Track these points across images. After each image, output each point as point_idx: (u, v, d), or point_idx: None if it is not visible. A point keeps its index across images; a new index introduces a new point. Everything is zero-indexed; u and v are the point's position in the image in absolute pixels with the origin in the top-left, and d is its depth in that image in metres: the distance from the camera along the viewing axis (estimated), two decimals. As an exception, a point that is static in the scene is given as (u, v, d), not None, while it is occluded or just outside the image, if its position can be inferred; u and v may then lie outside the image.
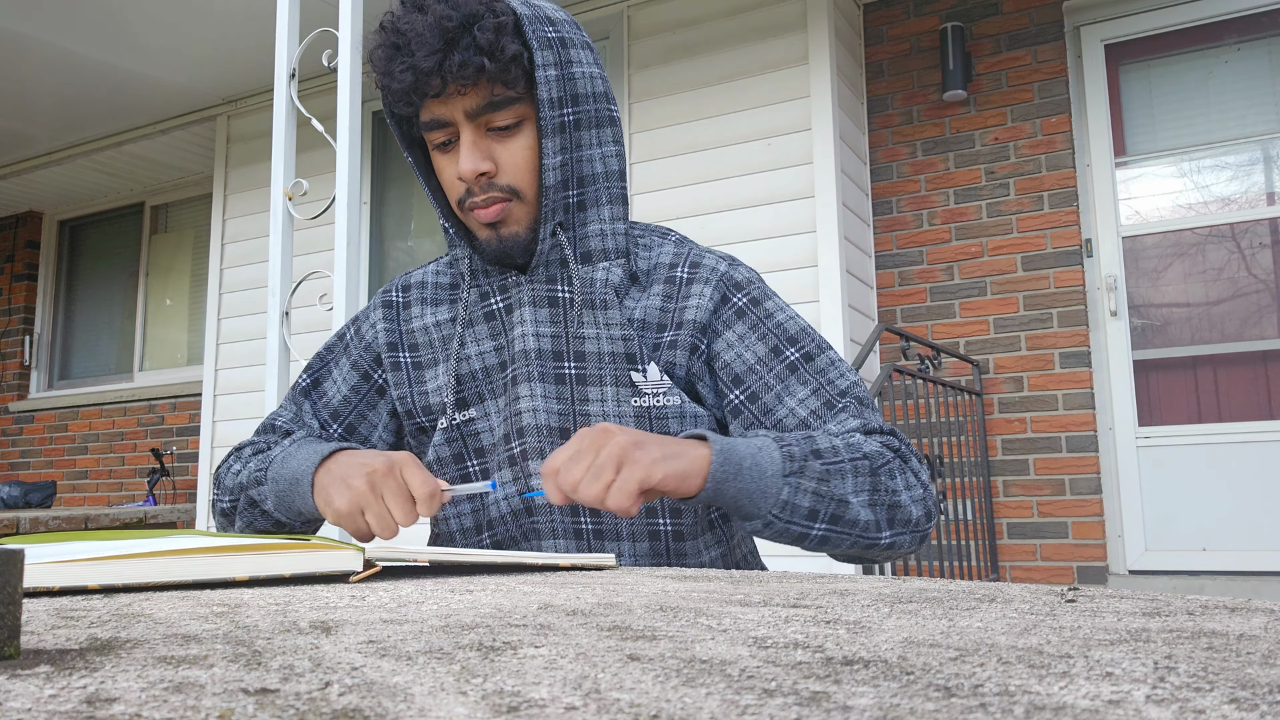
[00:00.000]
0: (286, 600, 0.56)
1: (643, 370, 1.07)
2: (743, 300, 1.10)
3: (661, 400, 1.07)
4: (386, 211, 5.01)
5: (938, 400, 3.53)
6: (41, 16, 4.29)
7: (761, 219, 3.81)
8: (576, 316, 1.08)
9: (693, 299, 1.09)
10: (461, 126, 1.05)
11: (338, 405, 1.19)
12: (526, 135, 1.06)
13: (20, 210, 6.90)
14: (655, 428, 1.07)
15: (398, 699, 0.29)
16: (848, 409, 1.06)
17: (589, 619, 0.47)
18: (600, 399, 1.07)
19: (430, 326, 1.17)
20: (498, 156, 1.06)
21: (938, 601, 0.54)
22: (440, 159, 1.09)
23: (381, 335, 1.19)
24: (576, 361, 1.08)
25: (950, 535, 3.57)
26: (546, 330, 1.08)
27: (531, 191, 1.07)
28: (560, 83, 1.05)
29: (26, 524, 3.21)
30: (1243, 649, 0.37)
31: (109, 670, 0.33)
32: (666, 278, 1.11)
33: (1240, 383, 3.69)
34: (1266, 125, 3.76)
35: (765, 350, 1.08)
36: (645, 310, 1.10)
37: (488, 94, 1.03)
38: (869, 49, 4.28)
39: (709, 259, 1.13)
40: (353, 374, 1.20)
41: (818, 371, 1.07)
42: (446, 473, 1.14)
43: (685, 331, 1.08)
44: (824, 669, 0.33)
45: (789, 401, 1.06)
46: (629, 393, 1.07)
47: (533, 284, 1.09)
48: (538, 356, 1.08)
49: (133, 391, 6.22)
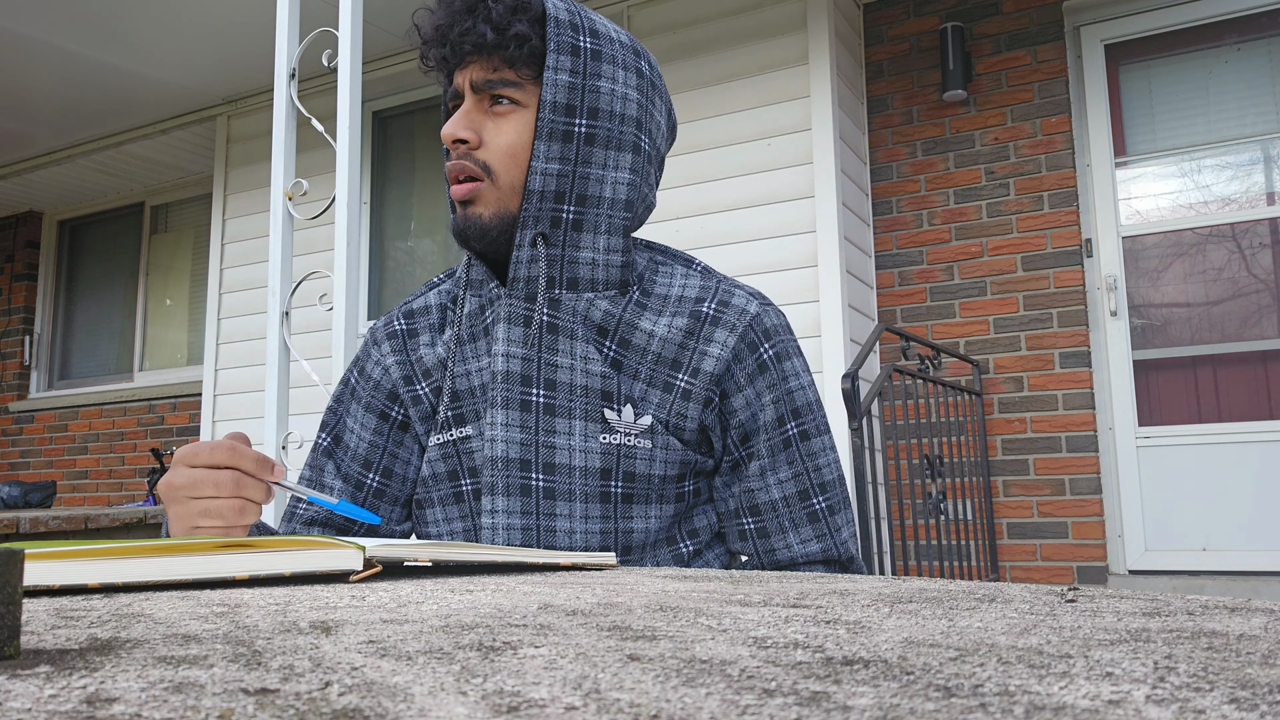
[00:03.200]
0: (286, 600, 0.56)
1: (618, 410, 1.03)
2: (768, 354, 1.06)
3: (633, 440, 1.03)
4: (386, 211, 5.01)
5: (938, 400, 3.53)
6: (41, 16, 4.29)
7: (761, 219, 3.81)
8: (551, 342, 1.04)
9: (714, 346, 1.05)
10: (466, 97, 1.04)
11: (365, 453, 1.14)
12: (518, 122, 1.03)
13: (20, 210, 6.90)
14: (623, 466, 1.03)
15: (398, 699, 0.29)
16: (817, 516, 1.06)
17: (589, 619, 0.47)
18: (567, 431, 1.02)
19: (439, 349, 1.13)
20: (483, 131, 1.03)
21: (938, 601, 0.54)
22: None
23: (394, 370, 1.14)
24: (546, 390, 1.03)
25: (950, 535, 3.57)
26: (518, 351, 1.03)
27: (507, 178, 1.03)
28: (573, 90, 1.02)
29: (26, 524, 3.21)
30: (1243, 649, 0.37)
31: (109, 670, 0.33)
32: (691, 311, 1.06)
33: (1240, 383, 3.69)
34: (1266, 125, 3.76)
35: (773, 416, 1.06)
36: (661, 343, 1.05)
37: (491, 68, 1.02)
38: (869, 49, 4.28)
39: (738, 298, 1.08)
40: (369, 417, 1.15)
41: (809, 454, 1.07)
42: (440, 489, 1.10)
43: (700, 384, 1.04)
44: (824, 669, 0.33)
45: (769, 477, 1.06)
46: (598, 428, 1.03)
47: (510, 299, 1.04)
48: (506, 379, 1.03)
49: (133, 391, 6.23)
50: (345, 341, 2.20)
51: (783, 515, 1.06)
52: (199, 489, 0.87)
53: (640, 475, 1.03)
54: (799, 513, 1.06)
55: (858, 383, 2.91)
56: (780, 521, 1.06)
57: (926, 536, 3.37)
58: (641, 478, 1.03)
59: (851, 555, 1.08)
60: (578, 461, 1.02)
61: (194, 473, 0.88)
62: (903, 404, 3.49)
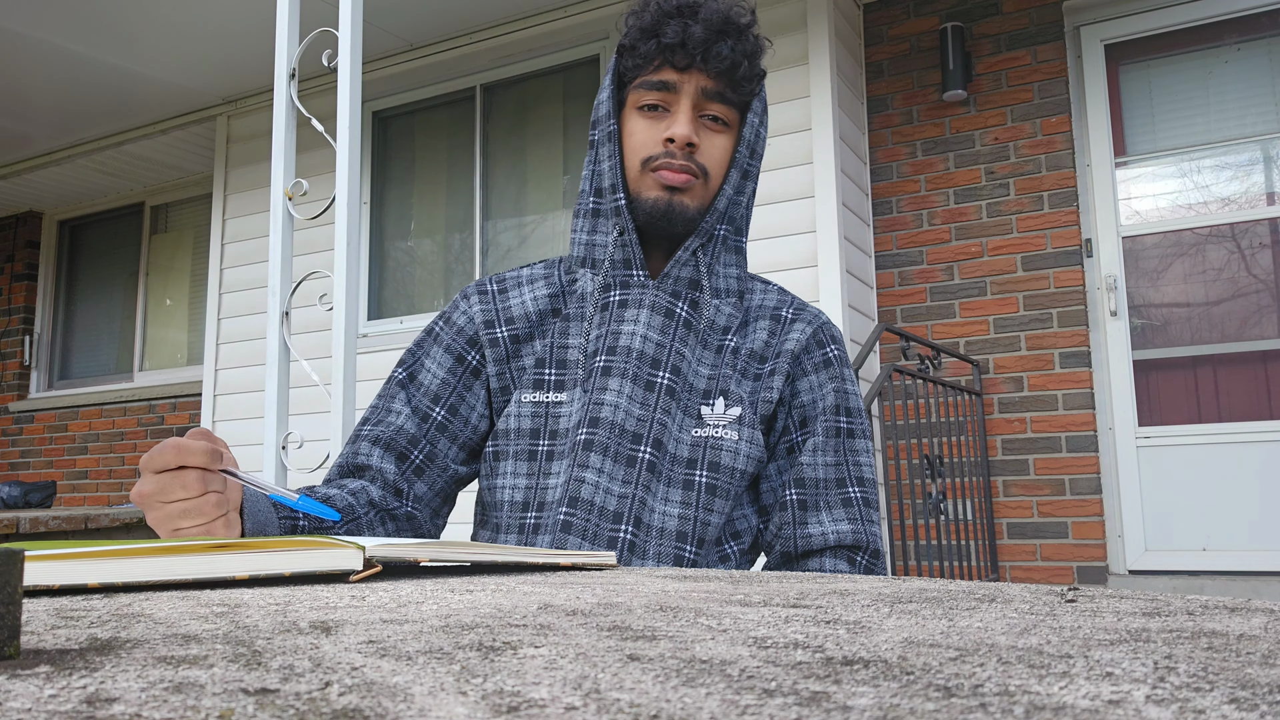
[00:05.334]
0: (286, 600, 0.56)
1: (711, 404, 1.14)
2: (833, 353, 1.21)
3: (720, 432, 1.13)
4: (386, 211, 5.00)
5: (938, 400, 3.53)
6: (41, 16, 4.29)
7: (761, 219, 3.81)
8: (684, 336, 1.15)
9: (793, 334, 1.20)
10: (683, 102, 1.14)
11: (437, 389, 1.20)
12: (726, 143, 1.16)
13: (20, 210, 6.90)
14: (709, 456, 1.13)
15: (398, 699, 0.29)
16: (852, 502, 1.17)
17: (589, 619, 0.47)
18: (675, 422, 1.13)
19: (528, 302, 1.22)
20: (702, 140, 1.15)
21: (938, 601, 0.54)
22: (640, 120, 1.16)
23: (478, 316, 1.22)
24: (672, 374, 1.14)
25: (950, 535, 3.57)
26: (655, 336, 1.14)
27: (713, 185, 1.16)
28: (755, 132, 1.18)
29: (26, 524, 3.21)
30: (1243, 649, 0.37)
31: (109, 670, 0.33)
32: (772, 316, 1.21)
33: (1240, 383, 3.69)
34: (1266, 125, 3.76)
35: (831, 404, 1.18)
36: (753, 343, 1.19)
37: (722, 89, 1.13)
38: (869, 49, 4.28)
39: (811, 308, 1.25)
40: (446, 357, 1.22)
41: (852, 450, 1.19)
42: (518, 443, 1.16)
43: (784, 361, 1.18)
44: (824, 669, 0.33)
45: (819, 457, 1.17)
46: (694, 423, 1.14)
47: (658, 291, 1.16)
48: (639, 357, 1.13)
49: (133, 391, 6.22)
50: (345, 341, 2.20)
51: (821, 494, 1.16)
52: (168, 493, 0.88)
53: (724, 467, 1.13)
54: (834, 496, 1.16)
55: (858, 383, 2.91)
56: (819, 499, 1.16)
57: (926, 536, 3.37)
58: (725, 469, 1.13)
59: (879, 549, 1.17)
60: (672, 448, 1.12)
61: (159, 478, 0.89)
62: (903, 404, 3.49)
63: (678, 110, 1.14)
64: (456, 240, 4.81)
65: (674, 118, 1.14)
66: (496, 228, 4.66)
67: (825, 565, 1.14)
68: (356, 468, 1.18)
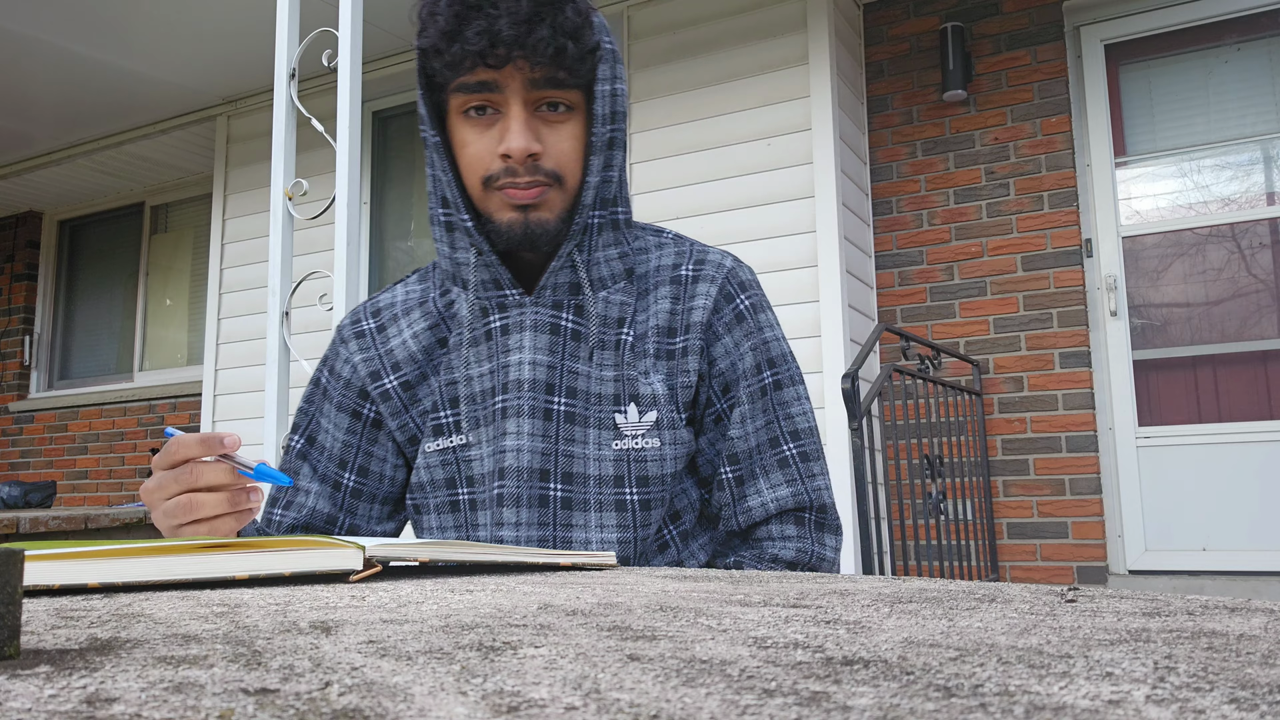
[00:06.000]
0: (286, 600, 0.56)
1: (624, 410, 1.03)
2: (745, 304, 1.08)
3: (641, 442, 1.03)
4: (386, 211, 5.00)
5: (938, 400, 3.53)
6: (41, 16, 4.29)
7: (761, 219, 3.81)
8: (574, 349, 1.04)
9: (699, 299, 1.07)
10: (511, 102, 0.98)
11: (340, 452, 1.12)
12: (574, 129, 1.01)
13: (20, 210, 6.90)
14: (634, 470, 1.03)
15: (398, 699, 0.29)
16: (788, 461, 1.07)
17: (589, 619, 0.47)
18: (584, 440, 1.03)
19: (409, 340, 1.10)
20: (545, 139, 0.99)
21: (938, 601, 0.54)
22: (468, 130, 1.01)
23: (361, 368, 1.12)
24: (568, 398, 1.03)
25: (950, 535, 3.57)
26: (544, 360, 1.03)
27: (572, 182, 1.02)
28: (614, 99, 1.02)
29: (26, 524, 3.21)
30: (1243, 649, 0.37)
31: (109, 670, 0.33)
32: (672, 278, 1.08)
33: (1240, 383, 3.69)
34: (1266, 125, 3.76)
35: (751, 364, 1.07)
36: (655, 316, 1.06)
37: (554, 76, 0.97)
38: (869, 49, 4.28)
39: (713, 255, 1.10)
40: (341, 416, 1.12)
41: (780, 403, 1.08)
42: (436, 495, 1.08)
43: (695, 335, 1.06)
44: (824, 669, 0.33)
45: (748, 425, 1.06)
46: (611, 435, 1.03)
47: (537, 307, 1.04)
48: (531, 388, 1.02)
49: (133, 391, 6.22)
50: (345, 341, 2.20)
51: (755, 462, 1.06)
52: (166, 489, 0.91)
53: (654, 478, 1.04)
54: (769, 459, 1.06)
55: (858, 383, 2.91)
56: (753, 468, 1.06)
57: (926, 536, 3.37)
58: (655, 480, 1.04)
59: (825, 502, 1.08)
60: (593, 470, 1.03)
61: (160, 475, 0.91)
62: (903, 404, 3.49)
63: (508, 114, 0.98)
64: (456, 240, 4.81)
65: (506, 125, 0.98)
66: (496, 228, 4.66)
67: (773, 533, 1.07)
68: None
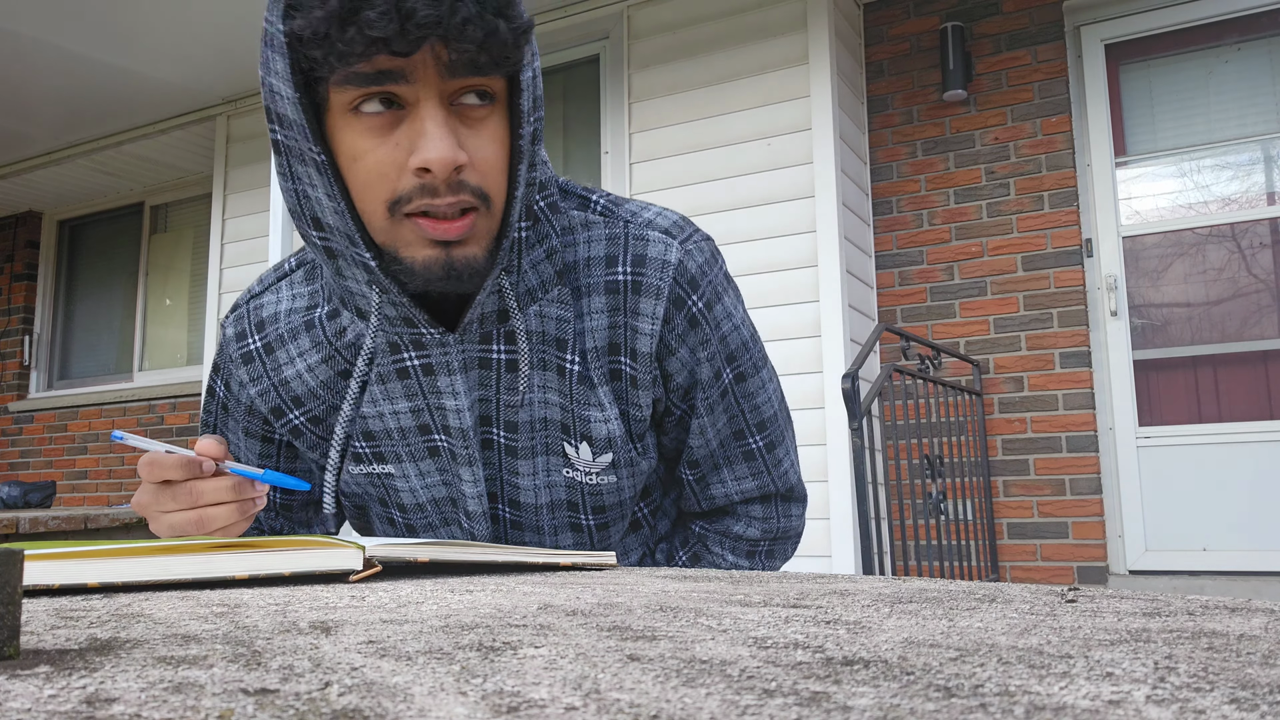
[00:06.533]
0: (286, 600, 0.56)
1: (575, 445, 0.94)
2: (697, 306, 0.94)
3: (595, 479, 0.96)
4: (386, 211, 5.00)
5: (938, 400, 3.53)
6: (41, 16, 4.29)
7: (761, 219, 3.81)
8: (510, 381, 0.91)
9: (643, 321, 0.91)
10: (423, 97, 0.76)
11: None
12: (497, 125, 0.81)
13: (20, 210, 6.90)
14: (590, 501, 0.97)
15: (398, 699, 0.29)
16: (753, 454, 1.02)
17: (589, 619, 0.47)
18: (530, 471, 0.95)
19: (304, 374, 0.96)
20: (467, 147, 0.78)
21: (938, 601, 0.54)
22: (362, 136, 0.78)
23: (259, 403, 0.99)
24: (507, 431, 0.93)
25: (950, 535, 3.57)
26: (476, 395, 0.91)
27: (499, 200, 0.82)
28: (533, 85, 0.82)
29: (26, 524, 3.21)
30: (1243, 649, 0.37)
31: (109, 670, 0.33)
32: (607, 284, 0.91)
33: (1240, 383, 3.69)
34: (1266, 125, 3.76)
35: (709, 373, 0.97)
36: (595, 335, 0.91)
37: (474, 61, 0.75)
38: (869, 49, 4.28)
39: (654, 245, 0.91)
40: (253, 442, 1.03)
41: (745, 395, 1.00)
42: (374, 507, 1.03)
43: (642, 367, 0.93)
44: (824, 669, 0.33)
45: (709, 432, 1.00)
46: (560, 461, 0.95)
47: (463, 345, 0.88)
48: (473, 433, 0.93)
49: (132, 391, 6.22)
50: (345, 341, 2.20)
51: (718, 456, 1.01)
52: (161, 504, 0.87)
53: (610, 505, 0.99)
54: (734, 452, 1.01)
55: (858, 383, 2.91)
56: (715, 463, 1.01)
57: (926, 536, 3.37)
58: (612, 506, 0.99)
59: (790, 485, 1.05)
60: (544, 499, 0.97)
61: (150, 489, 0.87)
62: (903, 404, 3.49)
63: (420, 113, 0.76)
64: (456, 240, 4.81)
65: (418, 126, 0.76)
66: (496, 228, 4.66)
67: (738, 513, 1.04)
68: None
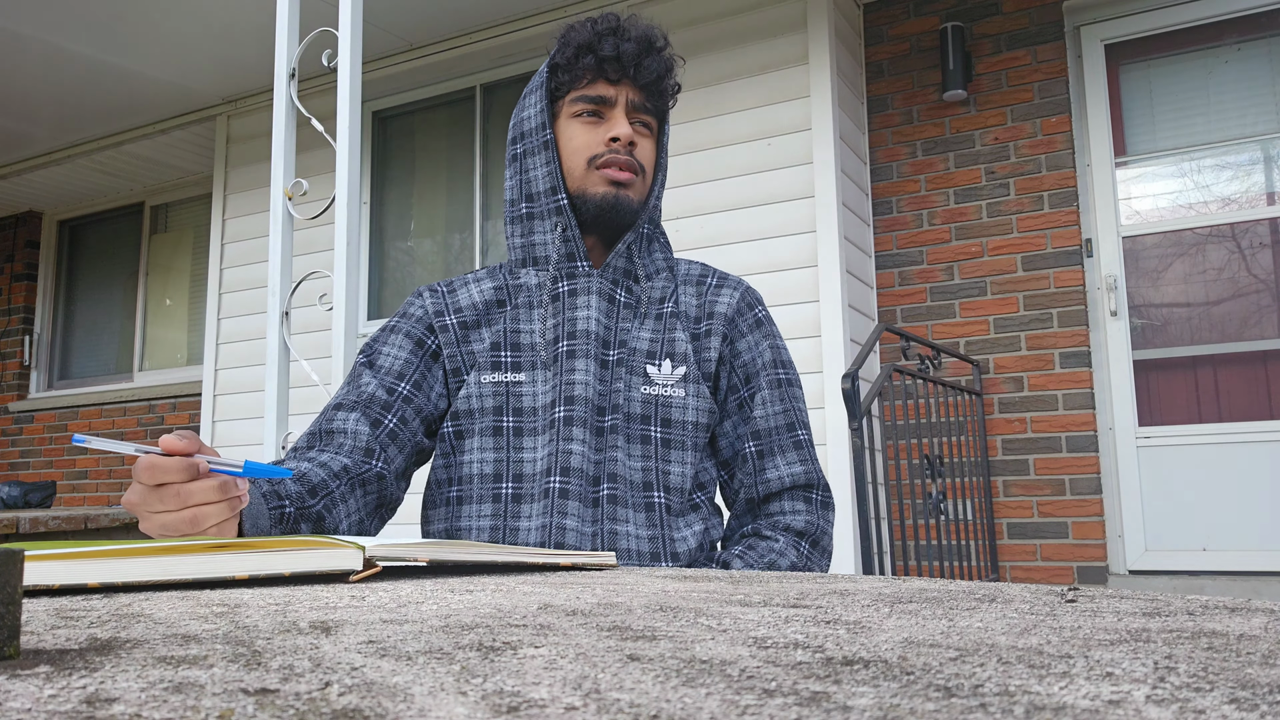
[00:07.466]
0: (286, 600, 0.56)
1: (658, 365, 1.27)
2: (762, 314, 1.36)
3: (669, 390, 1.27)
4: (386, 211, 5.00)
5: (938, 400, 3.53)
6: (41, 16, 4.29)
7: (761, 219, 3.81)
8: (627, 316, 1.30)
9: (722, 298, 1.35)
10: (617, 109, 1.29)
11: (400, 368, 1.29)
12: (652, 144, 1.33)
13: (20, 210, 6.90)
14: (660, 414, 1.26)
15: (398, 699, 0.29)
16: (801, 444, 1.32)
17: (589, 619, 0.47)
18: (626, 386, 1.26)
19: (474, 295, 1.34)
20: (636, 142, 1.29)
21: (938, 601, 0.54)
22: (578, 126, 1.29)
23: (430, 307, 1.34)
24: (620, 349, 1.28)
25: (950, 535, 3.57)
26: (603, 319, 1.28)
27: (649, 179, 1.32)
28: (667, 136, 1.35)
29: (26, 524, 3.21)
30: (1243, 649, 0.37)
31: (109, 670, 0.33)
32: (698, 285, 1.36)
33: (1240, 383, 3.69)
34: (1266, 125, 3.76)
35: (770, 359, 1.33)
36: (685, 307, 1.34)
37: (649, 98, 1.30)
38: (869, 49, 4.28)
39: (732, 277, 1.39)
40: (406, 341, 1.31)
41: (794, 398, 1.34)
42: (482, 421, 1.26)
43: (717, 322, 1.33)
44: (824, 669, 0.33)
45: (770, 407, 1.31)
46: (641, 380, 1.26)
47: (601, 280, 1.30)
48: (597, 339, 1.26)
49: (133, 391, 6.22)
50: (345, 341, 2.20)
51: (775, 440, 1.31)
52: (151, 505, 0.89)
53: (675, 422, 1.26)
54: (786, 440, 1.31)
55: (858, 383, 2.91)
56: (773, 445, 1.31)
57: (926, 536, 3.37)
58: (677, 424, 1.26)
59: (826, 482, 1.34)
60: (624, 408, 1.24)
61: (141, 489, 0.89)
62: (903, 404, 3.49)
63: (614, 116, 1.29)
64: (456, 240, 4.81)
65: (612, 122, 1.28)
66: (496, 227, 4.66)
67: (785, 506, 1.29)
68: (328, 433, 1.23)
